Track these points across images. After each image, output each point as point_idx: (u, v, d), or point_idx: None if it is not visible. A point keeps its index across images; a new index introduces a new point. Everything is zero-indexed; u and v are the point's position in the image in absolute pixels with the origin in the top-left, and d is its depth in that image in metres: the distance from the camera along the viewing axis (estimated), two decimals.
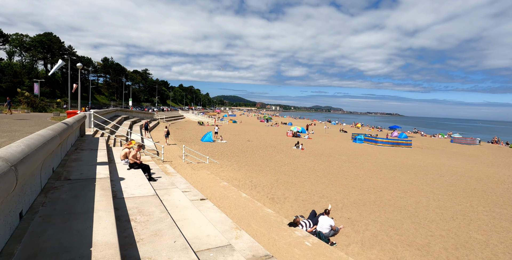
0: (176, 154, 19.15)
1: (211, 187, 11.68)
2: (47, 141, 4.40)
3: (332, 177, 16.49)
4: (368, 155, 26.66)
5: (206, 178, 13.13)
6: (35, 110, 41.24)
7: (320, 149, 28.78)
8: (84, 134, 12.36)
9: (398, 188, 14.91)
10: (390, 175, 18.27)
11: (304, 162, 20.84)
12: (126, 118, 32.47)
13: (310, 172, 17.48)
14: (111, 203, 4.23)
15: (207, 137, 28.59)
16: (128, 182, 7.06)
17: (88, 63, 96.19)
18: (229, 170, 16.24)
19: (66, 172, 5.78)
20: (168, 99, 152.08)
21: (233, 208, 9.44)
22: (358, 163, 21.85)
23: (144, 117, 42.72)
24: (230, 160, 19.36)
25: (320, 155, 24.95)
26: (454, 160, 27.23)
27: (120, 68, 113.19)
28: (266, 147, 27.59)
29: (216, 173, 15.15)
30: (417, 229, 9.60)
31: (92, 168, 6.24)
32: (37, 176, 4.38)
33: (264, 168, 17.52)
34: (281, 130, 52.99)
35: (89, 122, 14.60)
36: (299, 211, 10.43)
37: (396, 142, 35.92)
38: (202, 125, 51.15)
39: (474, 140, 44.06)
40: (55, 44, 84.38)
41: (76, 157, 7.29)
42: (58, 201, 4.15)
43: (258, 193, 12.15)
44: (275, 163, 19.66)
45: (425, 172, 20.13)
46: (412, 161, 25.04)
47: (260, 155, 22.40)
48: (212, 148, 24.05)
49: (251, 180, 14.35)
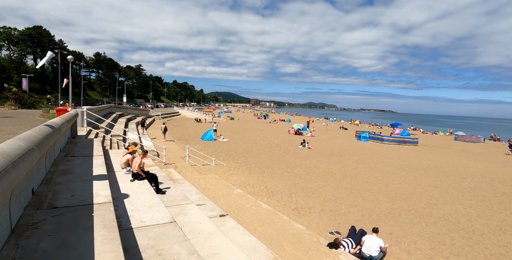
0: (177, 154, 17.51)
1: (224, 195, 10.13)
2: (15, 161, 2.78)
3: (351, 180, 15.06)
4: (378, 154, 25.34)
5: (217, 184, 11.57)
6: (24, 107, 39.02)
7: (327, 148, 27.38)
8: (76, 135, 10.67)
9: (426, 193, 13.55)
10: (410, 177, 16.93)
11: (315, 162, 19.39)
12: (121, 116, 30.61)
13: (326, 174, 16.03)
14: (121, 256, 2.65)
15: (208, 135, 26.94)
16: (134, 200, 5.46)
17: (80, 58, 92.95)
18: (238, 173, 14.68)
19: (51, 194, 4.17)
20: (162, 96, 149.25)
21: (256, 223, 7.91)
22: (371, 164, 20.49)
23: (139, 114, 40.81)
24: (237, 161, 17.80)
25: (330, 154, 23.54)
26: (466, 159, 26.10)
27: (113, 64, 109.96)
28: (271, 145, 26.07)
29: (226, 177, 13.59)
30: (471, 247, 8.20)
31: (87, 186, 4.63)
32: (3, 211, 2.78)
33: (276, 171, 16.00)
34: (281, 127, 51.53)
35: (82, 121, 12.88)
36: (331, 225, 8.95)
37: (402, 140, 34.73)
38: (200, 122, 49.38)
39: (479, 137, 43.21)
40: (45, 38, 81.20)
41: (66, 168, 5.66)
42: (35, 256, 2.56)
43: (278, 202, 10.64)
44: (286, 164, 18.16)
45: (444, 173, 18.86)
46: (425, 160, 23.80)
47: (267, 155, 20.88)
48: (215, 148, 22.44)
49: (266, 185, 12.82)
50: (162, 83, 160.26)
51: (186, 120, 52.54)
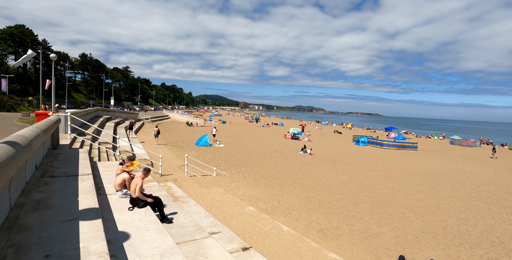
0: (173, 163, 15.84)
1: (236, 215, 8.61)
2: None
3: (367, 192, 13.76)
4: (382, 160, 24.26)
5: (224, 200, 10.03)
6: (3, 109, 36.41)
7: (328, 154, 26.14)
8: (57, 144, 8.95)
9: (451, 206, 12.37)
10: (426, 186, 15.80)
11: (322, 171, 18.06)
12: (109, 119, 28.62)
13: (338, 185, 14.69)
14: None
15: (203, 141, 25.27)
16: (138, 244, 3.90)
17: (64, 58, 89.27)
18: (244, 185, 13.15)
19: (12, 252, 2.60)
20: (151, 98, 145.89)
21: (283, 255, 6.46)
22: (380, 171, 19.31)
23: (128, 117, 38.72)
24: (239, 171, 16.27)
25: (333, 161, 22.27)
26: (471, 165, 25.35)
27: (99, 65, 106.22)
28: (270, 151, 24.63)
29: (231, 190, 12.05)
30: None
31: (70, 233, 3.07)
32: None
33: (284, 181, 14.55)
34: (275, 131, 50.22)
35: (65, 127, 11.13)
36: (367, 251, 7.55)
37: (402, 145, 33.91)
38: (191, 126, 47.55)
39: (475, 141, 43.00)
40: (28, 37, 77.50)
41: (41, 197, 4.06)
42: None
43: (298, 222, 9.18)
44: (292, 173, 16.74)
45: (456, 181, 17.85)
46: (431, 166, 22.84)
47: (269, 163, 19.42)
48: (213, 154, 20.82)
49: (278, 200, 11.35)
50: (150, 85, 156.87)
51: (177, 124, 50.57)
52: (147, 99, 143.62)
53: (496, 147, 33.73)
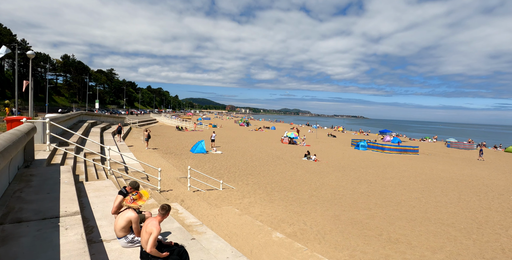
0: (171, 174, 13.90)
1: (264, 246, 6.84)
2: None
3: (395, 205, 12.24)
4: (390, 166, 22.97)
5: (242, 223, 8.23)
6: None
7: (332, 159, 24.67)
8: (32, 160, 6.95)
9: (491, 220, 11.00)
10: (451, 196, 14.46)
11: (335, 180, 16.50)
12: (94, 124, 26.21)
13: (360, 197, 13.11)
14: None
15: (199, 147, 23.28)
16: None
17: (45, 60, 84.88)
18: (258, 201, 11.36)
19: None
20: (136, 102, 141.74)
21: None
22: (395, 179, 17.93)
23: (114, 122, 36.21)
24: (246, 182, 14.47)
25: (342, 168, 20.77)
26: (478, 169, 24.45)
27: (82, 67, 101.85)
28: (272, 158, 22.91)
29: (245, 208, 10.25)
30: None
31: None
32: None
33: (300, 195, 12.85)
34: (268, 135, 48.59)
35: (43, 137, 9.09)
36: None
37: (403, 149, 32.93)
38: (182, 130, 45.26)
39: (472, 144, 42.69)
40: (5, 37, 73.03)
41: None
42: None
43: (339, 252, 7.48)
44: (305, 184, 15.07)
45: (476, 188, 16.67)
46: (442, 172, 21.70)
47: (275, 171, 17.70)
48: (212, 163, 18.91)
49: (303, 220, 9.63)
50: (136, 88, 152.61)
51: (166, 128, 48.14)
52: (133, 103, 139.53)
53: (483, 149, 33.37)
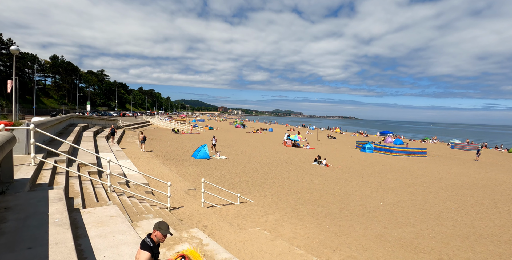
0: (177, 186, 12.16)
1: None
2: None
3: (436, 219, 10.77)
4: (406, 171, 21.61)
5: (279, 252, 6.59)
6: None
7: (344, 164, 23.19)
8: (11, 180, 5.19)
9: None
10: (486, 205, 13.09)
11: (358, 188, 14.98)
12: (86, 128, 24.22)
13: (394, 210, 11.60)
14: None
15: (201, 152, 21.51)
16: None
17: (33, 60, 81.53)
18: (285, 219, 9.71)
19: None
20: (128, 104, 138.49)
21: None
22: (418, 186, 16.52)
23: (106, 125, 34.12)
24: (263, 193, 12.81)
25: (357, 173, 19.28)
26: (494, 172, 23.30)
27: (72, 68, 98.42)
28: (281, 163, 21.31)
29: (274, 229, 8.61)
30: None
31: None
32: None
33: (329, 209, 11.25)
34: (268, 137, 47.01)
35: (27, 147, 7.31)
36: None
37: (412, 151, 31.73)
38: (178, 133, 43.31)
39: (476, 145, 41.87)
40: None
41: None
42: None
43: None
44: (329, 194, 13.49)
45: (506, 195, 15.40)
46: (461, 176, 20.43)
47: (290, 179, 16.10)
48: (219, 170, 17.19)
49: (346, 242, 8.03)
50: (127, 90, 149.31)
51: (161, 131, 46.08)
52: (124, 105, 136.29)
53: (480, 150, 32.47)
